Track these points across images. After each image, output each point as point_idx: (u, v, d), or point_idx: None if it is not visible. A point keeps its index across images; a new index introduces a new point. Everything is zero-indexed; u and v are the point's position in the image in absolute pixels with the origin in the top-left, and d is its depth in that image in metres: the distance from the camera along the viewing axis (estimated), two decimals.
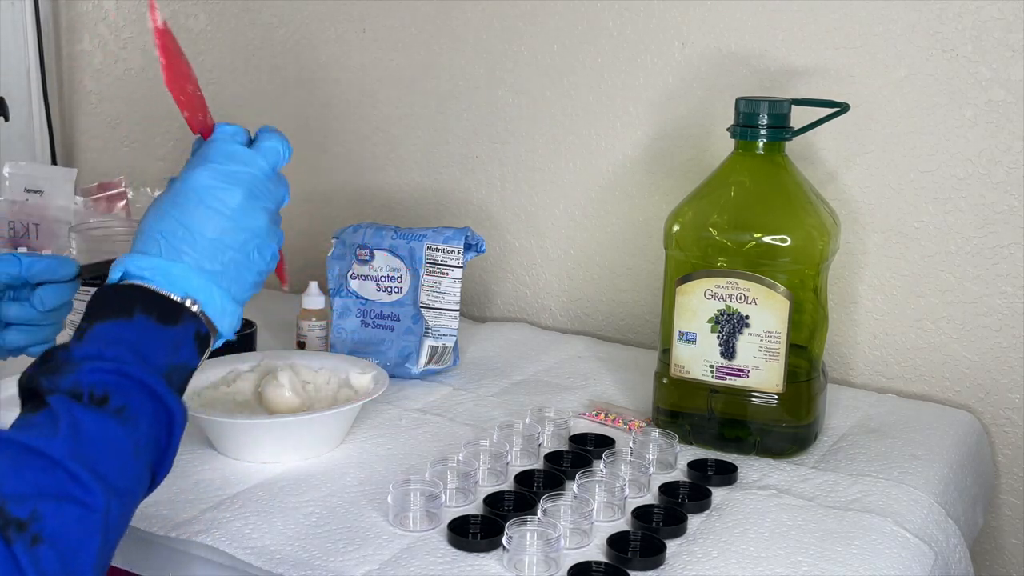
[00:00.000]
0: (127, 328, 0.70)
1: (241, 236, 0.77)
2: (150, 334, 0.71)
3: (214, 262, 0.76)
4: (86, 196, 1.64)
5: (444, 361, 1.27)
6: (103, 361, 0.67)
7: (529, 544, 0.84)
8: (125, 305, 0.71)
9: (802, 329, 1.08)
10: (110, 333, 0.70)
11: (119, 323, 0.70)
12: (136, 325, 0.71)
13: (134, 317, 0.71)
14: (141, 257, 0.74)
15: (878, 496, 0.99)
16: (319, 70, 1.65)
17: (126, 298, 0.72)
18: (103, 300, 0.72)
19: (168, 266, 0.74)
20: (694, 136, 1.37)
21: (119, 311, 0.71)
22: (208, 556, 0.88)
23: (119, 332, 0.70)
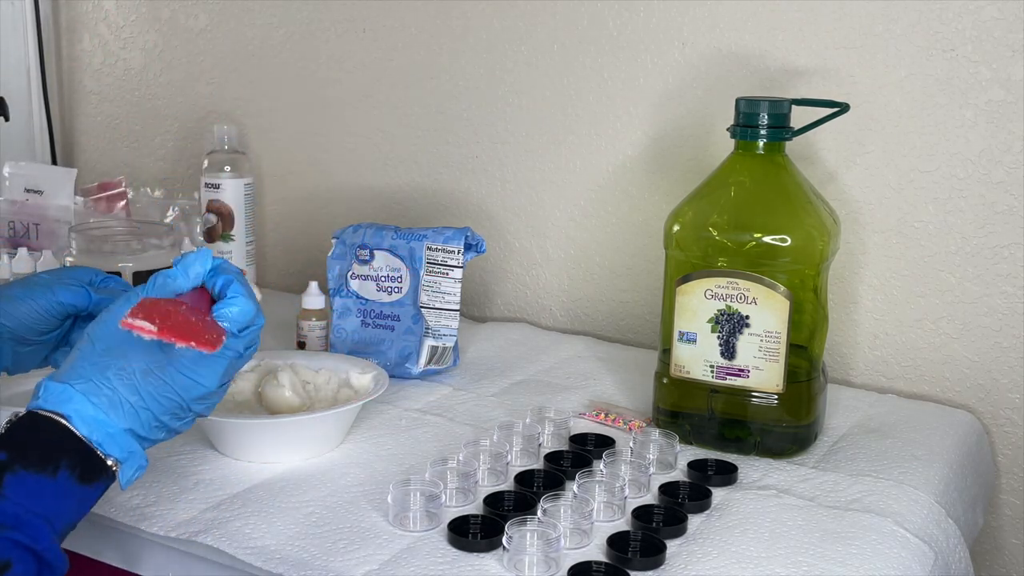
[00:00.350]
0: (48, 489, 0.71)
1: (189, 415, 0.78)
2: (68, 494, 0.72)
3: (149, 432, 0.76)
4: (86, 196, 1.64)
5: (444, 361, 1.27)
6: (16, 532, 0.68)
7: (529, 544, 0.84)
8: (52, 456, 0.71)
9: (802, 329, 1.08)
10: (30, 495, 0.70)
11: (42, 480, 0.70)
12: (57, 485, 0.71)
13: (57, 475, 0.71)
14: (87, 406, 0.73)
15: (878, 496, 0.99)
16: (319, 70, 1.65)
17: (55, 448, 0.72)
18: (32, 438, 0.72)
19: (109, 426, 0.74)
20: (694, 136, 1.37)
21: (44, 463, 0.71)
22: (208, 556, 0.88)
23: (39, 494, 0.70)
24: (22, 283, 0.91)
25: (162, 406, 0.76)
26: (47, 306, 0.89)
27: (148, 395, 0.75)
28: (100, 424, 0.74)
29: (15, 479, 0.70)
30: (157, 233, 1.31)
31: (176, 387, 0.76)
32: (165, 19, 1.80)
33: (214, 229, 1.56)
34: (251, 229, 1.59)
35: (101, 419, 0.74)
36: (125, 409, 0.74)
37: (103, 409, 0.74)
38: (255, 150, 1.74)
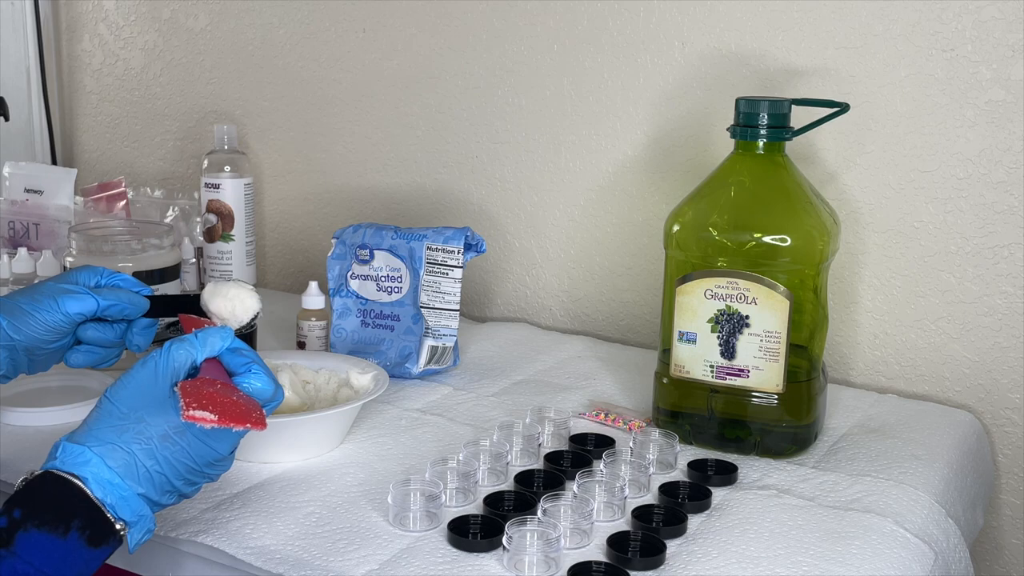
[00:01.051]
0: (58, 549, 0.71)
1: (202, 479, 0.79)
2: (74, 557, 0.72)
3: (161, 495, 0.77)
4: (86, 196, 1.64)
5: (444, 361, 1.27)
6: None
7: (529, 544, 0.84)
8: (64, 517, 0.72)
9: (802, 329, 1.08)
10: (41, 554, 0.70)
11: (52, 540, 0.71)
12: (67, 546, 0.72)
13: (68, 536, 0.72)
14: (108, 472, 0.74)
15: (878, 496, 0.99)
16: (319, 70, 1.65)
17: (68, 509, 0.72)
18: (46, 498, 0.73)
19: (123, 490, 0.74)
20: (694, 136, 1.37)
21: (56, 523, 0.71)
22: (208, 556, 0.88)
23: (49, 554, 0.71)
24: (28, 294, 0.91)
25: (176, 471, 0.76)
26: (54, 319, 0.90)
27: (164, 460, 0.76)
28: (115, 488, 0.74)
29: (27, 537, 0.71)
30: (157, 233, 1.31)
31: (192, 453, 0.77)
32: (165, 19, 1.80)
33: (214, 229, 1.56)
34: (251, 229, 1.59)
35: (116, 483, 0.74)
36: (140, 473, 0.75)
37: (119, 473, 0.74)
38: (255, 150, 1.74)
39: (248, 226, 1.58)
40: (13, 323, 0.88)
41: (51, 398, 1.14)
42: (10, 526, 0.71)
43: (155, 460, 0.75)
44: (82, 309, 0.91)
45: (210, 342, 0.81)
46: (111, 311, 0.93)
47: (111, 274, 0.95)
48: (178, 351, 0.79)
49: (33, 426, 1.09)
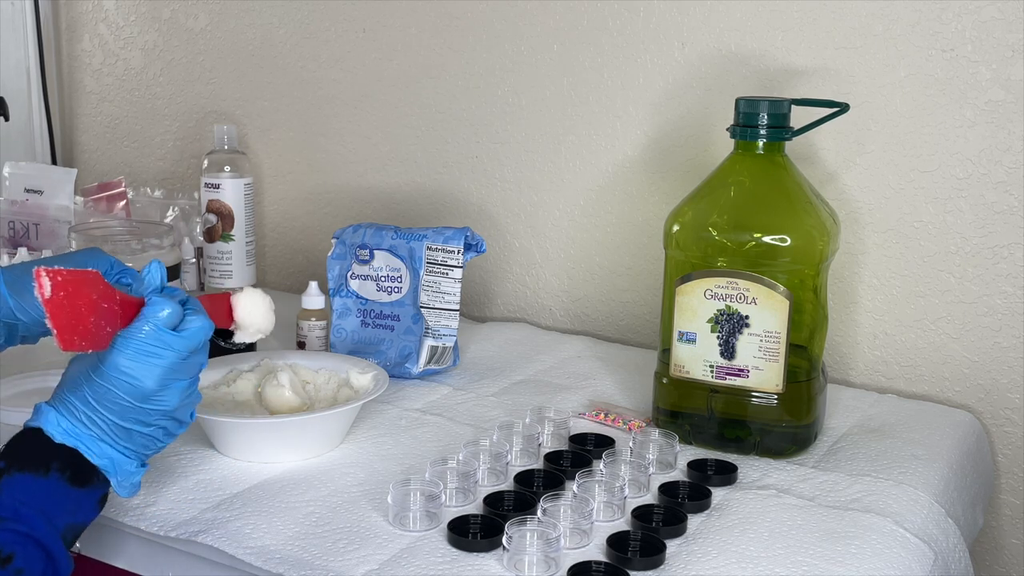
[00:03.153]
0: (40, 487, 0.76)
1: (151, 417, 0.81)
2: (59, 494, 0.77)
3: (119, 437, 0.80)
4: (86, 196, 1.64)
5: (444, 361, 1.27)
6: (14, 522, 0.73)
7: (529, 544, 0.84)
8: (44, 459, 0.77)
9: (802, 329, 1.08)
10: (24, 491, 0.75)
11: (35, 478, 0.76)
12: (49, 483, 0.76)
13: (49, 474, 0.77)
14: (59, 418, 0.79)
15: (878, 496, 0.99)
16: (319, 70, 1.65)
17: (46, 452, 0.78)
18: (25, 447, 0.78)
19: (84, 436, 0.79)
20: (694, 136, 1.37)
21: (37, 465, 0.77)
22: (208, 556, 0.88)
23: (32, 490, 0.76)
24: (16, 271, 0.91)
25: (114, 411, 0.79)
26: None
27: (97, 401, 0.79)
28: (70, 432, 0.79)
29: (10, 480, 0.76)
30: (157, 233, 1.31)
31: (116, 388, 0.79)
32: (165, 19, 1.80)
33: (214, 229, 1.56)
34: (251, 229, 1.59)
35: (70, 428, 0.79)
36: (84, 418, 0.79)
37: (68, 420, 0.79)
38: (255, 150, 1.74)
39: (248, 226, 1.58)
40: (21, 304, 0.90)
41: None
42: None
43: (88, 404, 0.79)
44: None
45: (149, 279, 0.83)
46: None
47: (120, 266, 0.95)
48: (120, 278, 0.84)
49: None
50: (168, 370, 0.80)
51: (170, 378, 0.81)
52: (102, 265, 0.94)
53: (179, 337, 0.81)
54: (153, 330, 0.80)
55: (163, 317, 0.80)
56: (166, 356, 0.80)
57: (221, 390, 1.08)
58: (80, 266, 0.91)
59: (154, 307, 0.81)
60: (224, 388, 1.09)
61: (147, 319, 0.80)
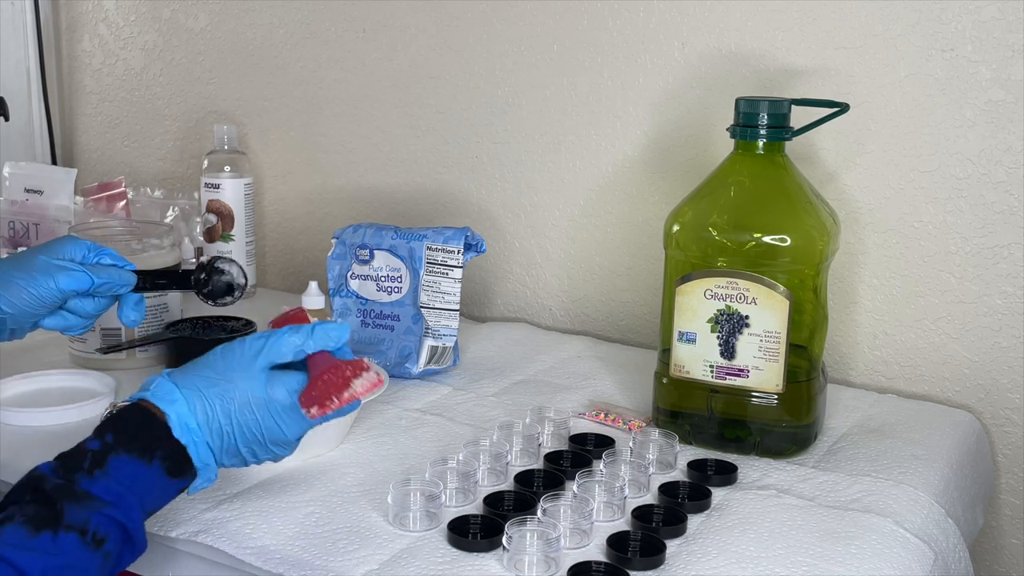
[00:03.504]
0: (144, 474, 0.77)
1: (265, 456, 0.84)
2: (157, 483, 0.78)
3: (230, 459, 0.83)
4: (86, 196, 1.64)
5: (444, 361, 1.27)
6: (115, 509, 0.74)
7: (529, 544, 0.84)
8: (150, 446, 0.78)
9: (802, 329, 1.08)
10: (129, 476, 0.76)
11: (139, 465, 0.77)
12: (152, 472, 0.77)
13: (152, 463, 0.77)
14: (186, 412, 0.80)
15: (878, 496, 0.99)
16: (319, 70, 1.65)
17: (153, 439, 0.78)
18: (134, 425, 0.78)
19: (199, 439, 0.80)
20: (694, 136, 1.37)
21: (143, 450, 0.77)
22: (208, 556, 0.88)
23: (136, 476, 0.77)
24: (18, 265, 0.93)
25: (245, 437, 0.81)
26: (48, 294, 0.95)
27: (237, 423, 0.81)
28: (190, 432, 0.80)
29: (118, 461, 0.76)
30: (157, 233, 1.31)
31: (263, 426, 0.81)
32: (165, 19, 1.80)
33: (214, 229, 1.56)
34: (251, 229, 1.59)
35: (193, 427, 0.80)
36: (214, 428, 0.80)
37: (197, 419, 0.80)
38: (255, 150, 1.74)
39: (248, 226, 1.58)
40: (6, 297, 0.92)
41: (51, 398, 1.14)
42: (103, 449, 0.76)
43: (229, 420, 0.81)
44: (77, 286, 0.95)
45: (324, 337, 0.84)
46: (103, 288, 0.97)
47: (97, 249, 0.98)
48: (290, 337, 0.83)
49: (33, 426, 1.09)
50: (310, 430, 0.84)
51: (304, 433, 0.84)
52: (79, 250, 0.97)
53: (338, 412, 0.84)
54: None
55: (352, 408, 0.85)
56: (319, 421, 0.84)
57: None
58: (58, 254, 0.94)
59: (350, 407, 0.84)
60: None
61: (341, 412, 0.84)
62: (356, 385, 0.81)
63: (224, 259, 1.07)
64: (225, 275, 1.07)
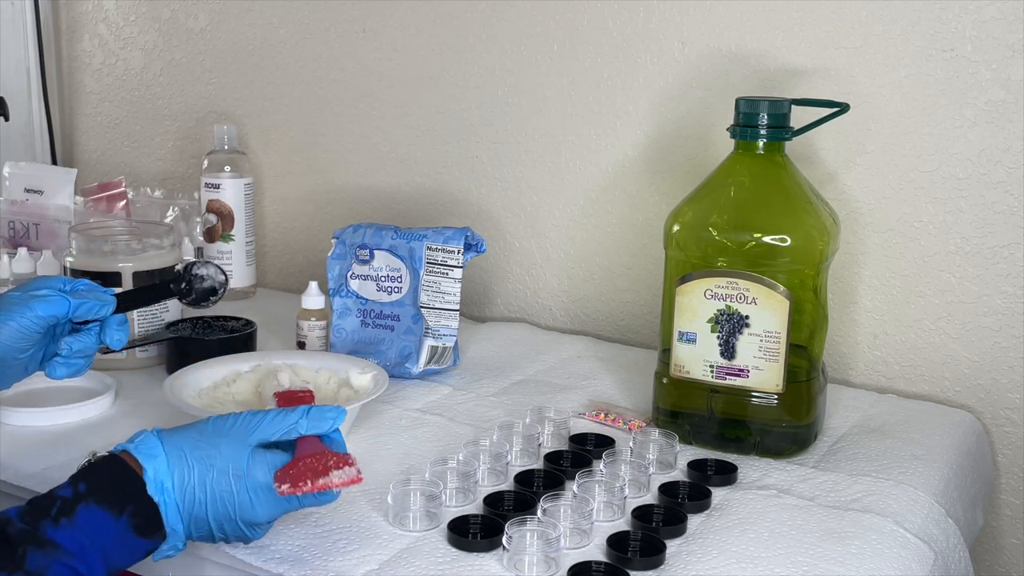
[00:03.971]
0: (111, 528, 0.75)
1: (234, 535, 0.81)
2: (124, 539, 0.76)
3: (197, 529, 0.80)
4: (86, 196, 1.64)
5: (444, 361, 1.27)
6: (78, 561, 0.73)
7: (529, 544, 0.84)
8: (122, 499, 0.76)
9: (802, 329, 1.08)
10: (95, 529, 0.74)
11: (108, 517, 0.75)
12: (119, 527, 0.75)
13: (122, 518, 0.75)
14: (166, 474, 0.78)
15: (878, 496, 0.99)
16: (319, 70, 1.65)
17: (126, 493, 0.76)
18: (108, 478, 0.77)
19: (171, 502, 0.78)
20: (694, 136, 1.37)
21: (114, 503, 0.75)
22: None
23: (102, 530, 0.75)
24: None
25: (216, 509, 0.79)
26: (27, 323, 0.91)
27: (211, 492, 0.79)
28: (163, 491, 0.78)
29: (87, 511, 0.74)
30: (157, 233, 1.31)
31: (237, 500, 0.79)
32: (165, 19, 1.80)
33: (214, 229, 1.56)
34: (251, 229, 1.59)
35: (167, 487, 0.78)
36: (187, 492, 0.79)
37: (172, 481, 0.78)
38: (255, 150, 1.74)
39: (248, 226, 1.58)
40: None
41: (51, 398, 1.14)
42: (73, 498, 0.75)
43: (204, 488, 0.79)
44: (54, 311, 0.92)
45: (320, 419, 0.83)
46: (82, 310, 0.94)
47: (71, 280, 0.96)
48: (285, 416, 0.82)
49: (33, 426, 1.09)
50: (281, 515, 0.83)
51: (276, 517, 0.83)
52: (56, 281, 0.95)
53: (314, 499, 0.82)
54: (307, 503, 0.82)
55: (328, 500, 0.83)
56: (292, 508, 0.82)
57: (221, 390, 1.08)
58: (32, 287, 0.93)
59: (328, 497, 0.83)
60: (224, 388, 1.09)
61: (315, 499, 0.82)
62: (334, 476, 0.79)
63: (200, 263, 1.07)
64: (206, 280, 1.07)
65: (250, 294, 1.60)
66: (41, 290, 0.93)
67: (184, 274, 1.06)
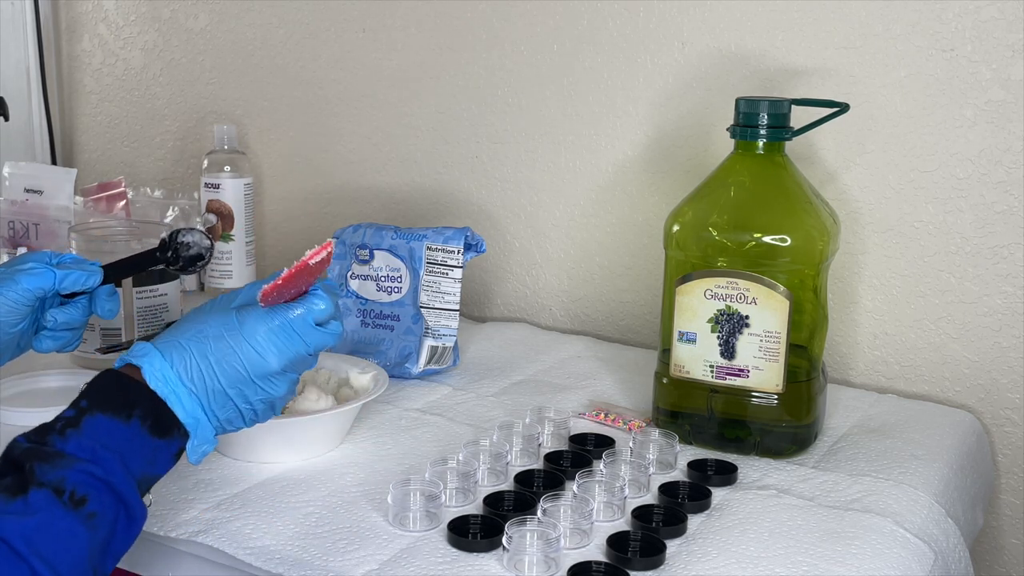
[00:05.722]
0: (121, 432, 0.74)
1: (256, 397, 0.81)
2: (139, 442, 0.75)
3: (214, 404, 0.79)
4: (86, 196, 1.64)
5: (444, 361, 1.27)
6: (92, 465, 0.71)
7: (529, 544, 0.84)
8: (126, 404, 0.75)
9: (802, 329, 1.08)
10: (105, 433, 0.73)
11: (116, 423, 0.74)
12: (130, 430, 0.74)
13: (131, 421, 0.75)
14: (159, 360, 0.77)
15: (878, 496, 0.99)
16: (319, 70, 1.65)
17: (130, 397, 0.76)
18: (108, 388, 0.76)
19: (176, 384, 0.77)
20: (694, 136, 1.37)
21: (119, 409, 0.75)
22: (208, 556, 0.88)
23: (112, 434, 0.74)
24: None
25: (227, 374, 0.78)
26: (14, 297, 0.92)
27: (216, 361, 0.78)
28: (168, 381, 0.77)
29: (92, 420, 0.74)
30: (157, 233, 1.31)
31: (241, 356, 0.79)
32: (165, 19, 1.80)
33: (214, 229, 1.56)
34: (251, 229, 1.59)
35: (170, 376, 0.77)
36: (193, 372, 0.78)
37: (174, 366, 0.77)
38: (255, 150, 1.74)
39: (248, 226, 1.58)
40: None
41: (51, 398, 1.14)
42: (78, 414, 0.74)
43: (206, 359, 0.78)
44: (41, 283, 0.93)
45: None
46: (68, 281, 0.95)
47: (57, 254, 0.97)
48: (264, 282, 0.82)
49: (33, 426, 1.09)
50: (295, 360, 0.81)
51: (291, 368, 0.81)
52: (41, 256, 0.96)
53: (321, 334, 0.82)
54: (304, 318, 0.81)
55: (319, 311, 0.81)
56: (300, 347, 0.81)
57: None
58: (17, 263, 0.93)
59: (316, 299, 0.82)
60: None
61: (304, 306, 0.81)
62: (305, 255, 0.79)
63: (185, 230, 1.07)
64: (192, 248, 1.07)
65: None
66: (27, 263, 0.94)
67: (170, 242, 1.06)
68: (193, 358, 0.78)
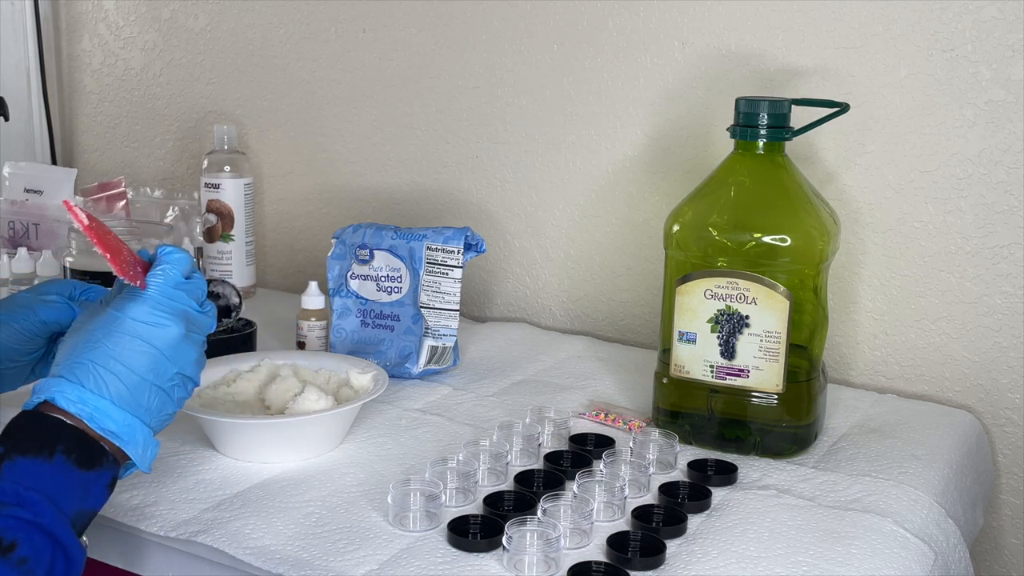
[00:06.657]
0: (45, 471, 0.71)
1: (170, 371, 0.78)
2: (66, 478, 0.72)
3: (140, 398, 0.77)
4: (86, 196, 1.64)
5: (444, 361, 1.27)
6: (19, 508, 0.69)
7: (529, 544, 0.84)
8: (47, 441, 0.72)
9: (802, 329, 1.08)
10: (29, 474, 0.71)
11: (38, 462, 0.71)
12: (55, 468, 0.72)
13: (54, 458, 0.72)
14: (68, 386, 0.75)
15: (878, 496, 0.99)
16: (319, 70, 1.65)
17: (49, 434, 0.73)
18: (26, 430, 0.73)
19: (95, 400, 0.75)
20: (694, 136, 1.37)
21: (40, 448, 0.72)
22: (208, 556, 0.88)
23: (37, 474, 0.71)
24: (3, 306, 0.90)
25: (140, 361, 0.76)
26: (30, 327, 0.89)
27: (120, 354, 0.76)
28: (86, 401, 0.74)
29: (12, 465, 0.71)
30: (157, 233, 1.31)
31: (142, 336, 0.77)
32: (165, 19, 1.80)
33: (214, 229, 1.56)
34: (251, 229, 1.59)
35: (86, 396, 0.74)
36: (105, 379, 0.75)
37: (85, 385, 0.75)
38: (255, 150, 1.74)
39: (248, 226, 1.58)
40: None
41: None
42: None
43: (112, 360, 0.75)
44: (58, 317, 0.90)
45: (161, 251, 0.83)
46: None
47: (85, 287, 0.95)
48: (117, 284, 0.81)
49: None
50: (190, 317, 0.80)
51: (192, 328, 0.80)
52: (66, 287, 0.93)
53: (192, 283, 0.81)
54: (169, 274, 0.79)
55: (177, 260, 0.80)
56: (184, 301, 0.80)
57: (221, 390, 1.08)
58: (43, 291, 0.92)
59: (169, 253, 0.81)
60: (224, 388, 1.09)
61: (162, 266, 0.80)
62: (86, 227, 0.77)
63: (217, 281, 1.06)
64: (221, 299, 1.06)
65: (250, 294, 1.60)
66: (50, 295, 0.92)
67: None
68: (98, 367, 0.75)
